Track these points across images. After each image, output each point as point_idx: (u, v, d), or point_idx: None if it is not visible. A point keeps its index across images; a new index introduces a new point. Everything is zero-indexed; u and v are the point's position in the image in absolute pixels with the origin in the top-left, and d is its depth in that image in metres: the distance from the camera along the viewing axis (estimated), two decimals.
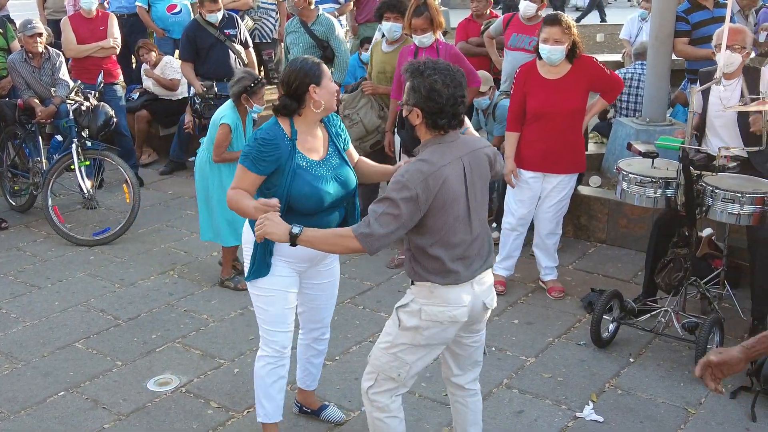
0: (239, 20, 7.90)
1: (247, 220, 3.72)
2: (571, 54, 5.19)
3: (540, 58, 5.25)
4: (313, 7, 7.30)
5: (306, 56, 3.68)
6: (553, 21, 5.15)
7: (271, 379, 3.78)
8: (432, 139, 3.21)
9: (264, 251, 3.60)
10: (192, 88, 7.64)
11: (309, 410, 4.24)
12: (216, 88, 7.26)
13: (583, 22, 16.07)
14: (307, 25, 7.25)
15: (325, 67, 3.59)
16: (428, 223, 3.13)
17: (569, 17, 5.35)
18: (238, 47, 7.63)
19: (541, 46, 5.14)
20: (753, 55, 5.46)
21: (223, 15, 7.55)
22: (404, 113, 3.22)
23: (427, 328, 3.25)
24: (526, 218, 5.51)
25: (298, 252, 3.50)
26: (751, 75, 5.14)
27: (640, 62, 7.75)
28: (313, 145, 3.60)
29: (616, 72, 7.78)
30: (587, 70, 5.26)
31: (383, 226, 3.05)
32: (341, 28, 7.54)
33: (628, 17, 11.16)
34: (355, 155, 3.88)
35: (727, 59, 4.99)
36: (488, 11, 7.61)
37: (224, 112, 5.42)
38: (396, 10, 6.08)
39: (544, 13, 6.95)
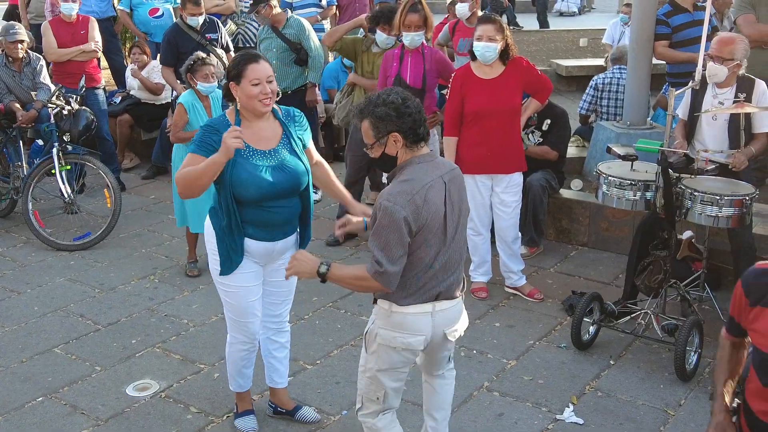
0: (220, 25, 7.87)
1: (208, 214, 3.81)
2: (505, 55, 5.26)
3: (474, 59, 5.30)
4: (277, 10, 7.28)
5: (252, 53, 3.78)
6: (488, 19, 5.26)
7: (243, 362, 4.04)
8: (411, 159, 3.19)
9: (228, 249, 3.71)
10: (174, 92, 7.60)
11: (284, 410, 4.25)
12: None
13: (568, 27, 16.13)
14: (278, 29, 7.25)
15: (252, 68, 3.61)
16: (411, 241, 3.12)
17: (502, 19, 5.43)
18: (220, 52, 7.60)
19: (476, 44, 5.19)
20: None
21: (205, 19, 7.52)
22: (376, 153, 3.21)
23: (385, 353, 3.25)
24: (486, 220, 5.54)
25: (255, 248, 3.74)
26: (745, 85, 5.16)
27: (617, 67, 7.79)
28: (259, 136, 3.71)
29: (595, 77, 7.83)
30: (521, 70, 5.34)
31: (390, 259, 3.04)
32: (311, 27, 7.53)
33: (611, 22, 11.24)
34: (315, 156, 4.00)
35: (710, 70, 5.04)
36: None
37: (182, 94, 5.90)
38: (392, 24, 6.11)
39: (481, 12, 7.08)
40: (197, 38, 7.44)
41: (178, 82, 7.42)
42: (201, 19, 7.41)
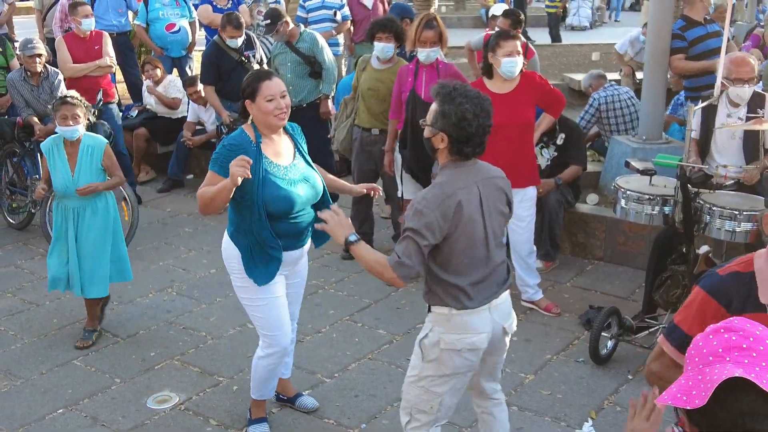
0: (255, 39, 7.95)
1: (226, 234, 3.91)
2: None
3: (490, 76, 5.32)
4: (291, 26, 7.37)
5: (264, 70, 3.94)
6: (513, 35, 5.31)
7: (272, 375, 4.12)
8: (451, 162, 3.22)
9: (263, 262, 3.78)
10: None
11: (285, 397, 4.43)
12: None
13: (580, 41, 16.18)
14: (292, 44, 7.32)
15: (265, 85, 3.69)
16: (445, 247, 3.15)
17: None
18: (256, 67, 7.68)
19: (506, 60, 5.17)
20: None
21: (243, 38, 7.59)
22: (426, 134, 3.22)
23: (448, 358, 3.24)
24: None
25: (285, 258, 3.82)
26: (756, 101, 5.21)
27: (609, 84, 7.82)
28: (278, 151, 3.81)
29: (597, 97, 7.77)
30: (534, 84, 5.37)
31: (409, 255, 3.09)
32: (325, 41, 7.60)
33: (630, 33, 11.23)
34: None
35: (741, 93, 5.14)
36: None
37: None
38: (388, 30, 6.15)
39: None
40: (237, 57, 7.52)
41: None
42: (240, 41, 7.49)
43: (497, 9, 8.58)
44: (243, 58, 7.56)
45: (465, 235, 3.15)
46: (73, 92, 5.30)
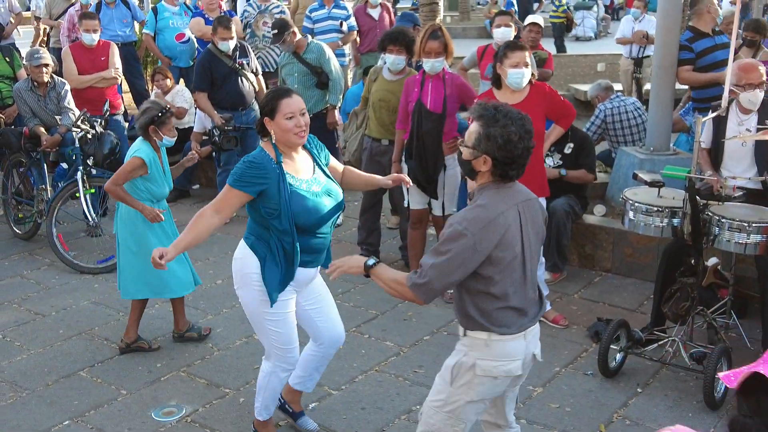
0: (249, 48, 7.96)
1: (242, 245, 3.86)
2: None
3: (498, 87, 5.31)
4: (299, 36, 7.39)
5: (283, 88, 3.87)
6: (521, 46, 5.27)
7: (281, 388, 4.09)
8: (491, 184, 3.14)
9: (282, 277, 3.75)
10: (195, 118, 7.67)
11: (290, 410, 4.34)
12: (234, 120, 7.35)
13: (585, 51, 16.19)
14: (299, 54, 7.33)
15: (285, 102, 3.68)
16: (486, 270, 3.06)
17: None
18: (251, 76, 7.68)
19: (513, 71, 5.14)
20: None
21: (236, 44, 7.60)
22: (465, 156, 3.15)
23: (480, 383, 3.18)
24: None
25: (302, 276, 3.82)
26: (766, 110, 5.19)
27: (615, 95, 7.82)
28: (299, 166, 3.81)
29: (603, 108, 7.78)
30: (544, 95, 5.33)
31: (440, 278, 3.02)
32: (331, 51, 7.62)
33: (623, 18, 11.34)
34: (340, 166, 4.13)
35: (753, 97, 5.11)
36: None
37: (138, 146, 5.13)
38: (399, 43, 6.15)
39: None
40: (230, 63, 7.52)
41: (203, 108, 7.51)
42: (232, 44, 7.49)
43: (528, 19, 8.56)
44: (237, 65, 7.56)
45: (506, 260, 3.07)
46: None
